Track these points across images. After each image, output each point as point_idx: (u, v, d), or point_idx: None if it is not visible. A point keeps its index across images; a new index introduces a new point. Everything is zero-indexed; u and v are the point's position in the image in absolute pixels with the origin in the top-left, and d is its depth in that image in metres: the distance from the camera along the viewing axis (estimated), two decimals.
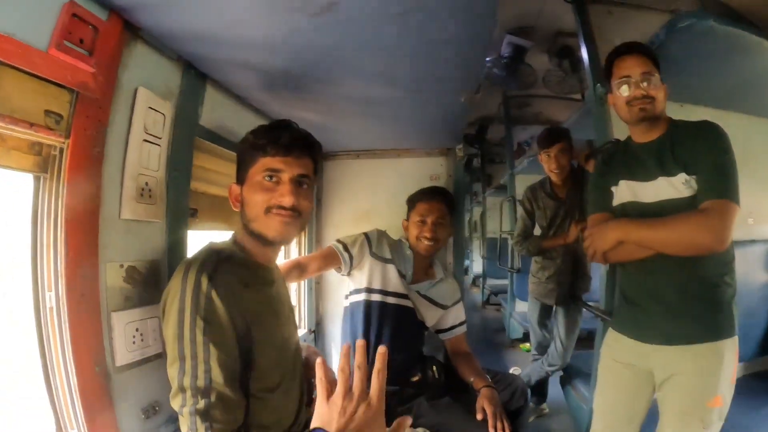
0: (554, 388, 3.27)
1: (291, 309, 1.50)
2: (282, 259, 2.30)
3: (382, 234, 2.27)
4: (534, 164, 4.47)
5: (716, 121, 1.55)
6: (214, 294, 1.10)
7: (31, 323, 1.12)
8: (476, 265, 11.10)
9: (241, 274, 1.22)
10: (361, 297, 2.16)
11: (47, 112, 1.08)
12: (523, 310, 4.90)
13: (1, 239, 1.30)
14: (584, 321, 3.18)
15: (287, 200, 1.25)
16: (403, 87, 1.75)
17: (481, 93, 1.84)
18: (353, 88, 1.77)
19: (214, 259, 1.17)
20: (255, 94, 1.87)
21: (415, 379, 2.05)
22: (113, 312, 1.23)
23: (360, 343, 0.88)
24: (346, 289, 2.27)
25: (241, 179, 1.32)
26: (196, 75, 1.57)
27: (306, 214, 1.33)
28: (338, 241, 2.19)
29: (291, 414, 1.36)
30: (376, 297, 2.14)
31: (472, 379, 2.03)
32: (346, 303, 2.25)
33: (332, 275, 2.48)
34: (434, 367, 2.07)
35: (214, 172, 1.83)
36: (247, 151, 1.30)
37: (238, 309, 1.15)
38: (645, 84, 1.53)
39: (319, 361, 0.87)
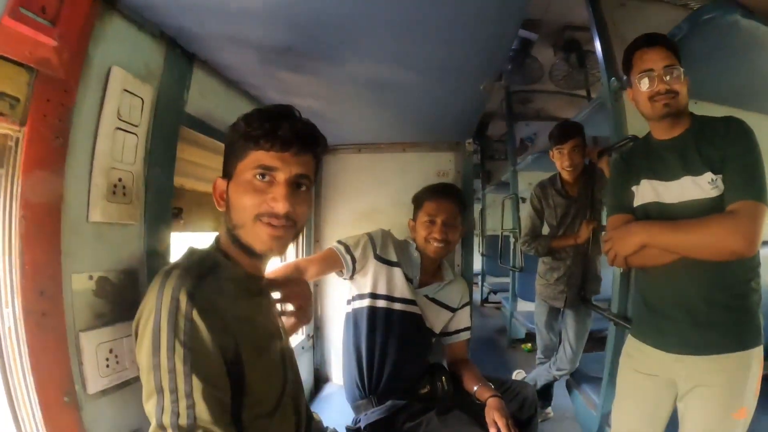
0: (559, 391, 3.27)
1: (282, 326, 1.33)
2: (279, 261, 2.13)
3: (386, 234, 2.12)
4: (537, 161, 4.47)
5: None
6: (195, 314, 0.93)
7: None
8: (475, 262, 11.13)
9: (226, 287, 1.05)
10: (365, 303, 2.04)
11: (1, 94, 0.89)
12: (524, 310, 4.88)
13: None
14: (592, 323, 3.11)
15: (281, 206, 1.06)
16: (419, 70, 1.59)
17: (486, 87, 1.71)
18: (361, 70, 1.60)
19: (195, 271, 1.00)
20: (249, 78, 1.69)
21: (424, 391, 1.96)
22: (82, 332, 1.05)
23: None
24: (348, 294, 2.14)
25: (227, 173, 1.14)
26: (181, 54, 1.39)
27: (302, 222, 1.14)
28: (339, 242, 2.05)
29: None
30: (381, 303, 2.03)
31: (475, 389, 1.97)
32: (348, 309, 2.12)
33: (332, 277, 2.32)
34: (443, 378, 1.99)
35: (201, 166, 1.66)
36: (237, 141, 1.10)
37: (225, 328, 0.98)
38: (668, 78, 1.48)
39: None
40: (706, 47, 1.76)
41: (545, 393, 3.38)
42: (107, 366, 1.10)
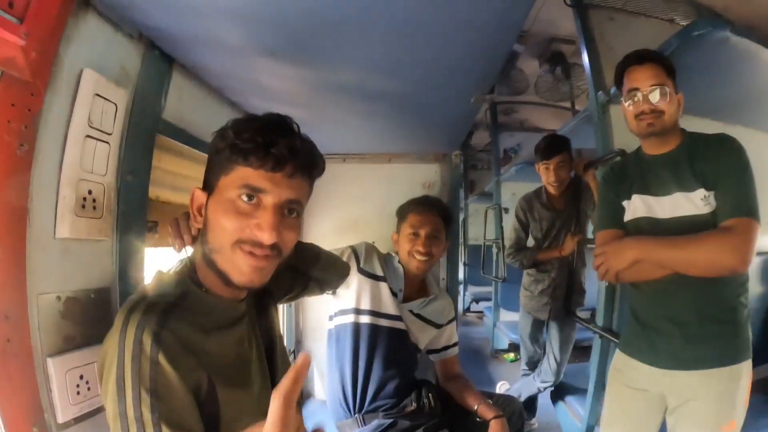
0: (544, 402, 3.27)
1: (275, 353, 1.20)
2: None
3: (370, 248, 2.08)
4: (521, 172, 4.53)
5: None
6: (161, 357, 0.82)
7: None
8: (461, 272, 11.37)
9: (197, 320, 0.93)
10: (349, 319, 1.98)
11: None
12: (507, 320, 4.90)
13: None
14: (583, 332, 3.12)
15: (266, 236, 0.92)
16: (409, 80, 1.55)
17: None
18: (348, 78, 1.55)
19: (161, 306, 0.89)
20: (231, 83, 1.63)
21: (411, 409, 1.91)
22: (50, 357, 0.96)
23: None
24: (330, 309, 2.08)
25: (208, 186, 0.99)
26: (160, 57, 1.31)
27: (288, 250, 1.00)
28: None
29: None
30: (365, 319, 1.97)
31: (476, 407, 1.92)
32: (331, 326, 2.06)
33: None
34: (430, 395, 1.94)
35: (179, 176, 1.58)
36: (222, 151, 0.95)
37: (197, 366, 0.88)
38: (654, 96, 1.48)
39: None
40: (696, 62, 1.77)
41: (530, 404, 3.37)
42: (78, 393, 1.01)
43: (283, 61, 1.42)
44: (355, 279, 1.98)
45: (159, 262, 1.39)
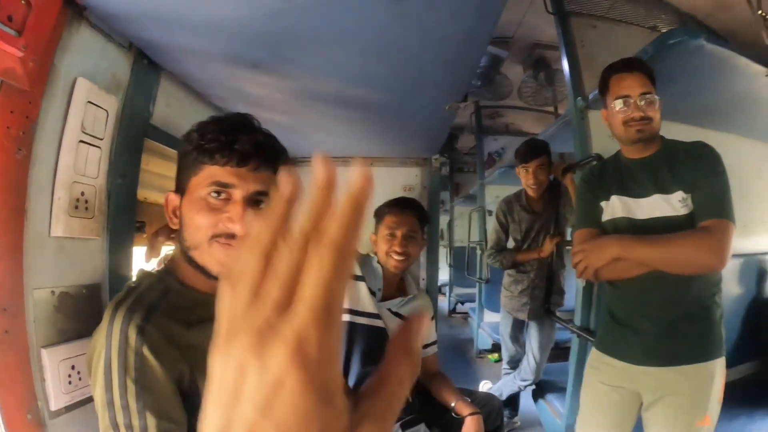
0: (527, 401, 3.28)
1: None
2: None
3: None
4: (504, 175, 4.55)
5: (695, 139, 1.58)
6: (145, 349, 0.88)
7: None
8: (443, 273, 11.30)
9: (179, 315, 0.98)
10: None
11: None
12: (491, 321, 4.92)
13: None
14: (557, 333, 3.16)
15: (238, 227, 0.97)
16: (385, 89, 1.60)
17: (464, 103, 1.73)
18: (328, 87, 1.60)
19: (146, 301, 0.95)
20: (215, 90, 1.68)
21: None
22: (44, 348, 1.02)
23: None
24: None
25: (180, 188, 1.05)
26: (148, 66, 1.37)
27: None
28: None
29: None
30: (344, 317, 2.00)
31: (453, 404, 1.95)
32: None
33: None
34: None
35: (167, 178, 1.63)
36: (190, 153, 1.01)
37: (179, 358, 0.93)
38: (644, 104, 1.51)
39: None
40: (672, 69, 1.80)
41: (512, 403, 3.41)
42: (70, 382, 1.07)
43: (264, 72, 1.48)
44: None
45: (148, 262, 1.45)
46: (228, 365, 0.28)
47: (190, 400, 0.95)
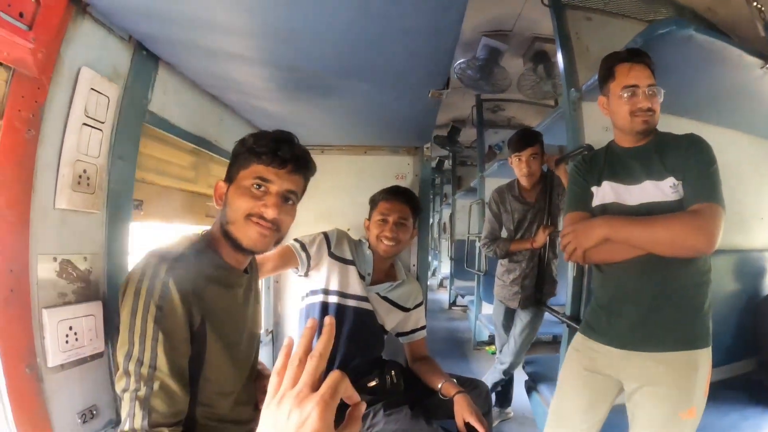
0: (520, 393, 3.28)
1: (255, 322, 1.48)
2: None
3: (342, 234, 2.21)
4: (504, 168, 4.51)
5: (688, 131, 1.57)
6: (171, 282, 1.10)
7: None
8: (445, 266, 11.31)
9: (204, 271, 1.22)
10: (318, 299, 2.11)
11: None
12: (489, 313, 4.94)
13: None
14: (551, 325, 3.17)
15: (270, 212, 1.25)
16: (366, 79, 1.68)
17: (453, 94, 1.78)
18: (314, 78, 1.69)
19: (180, 250, 1.19)
20: (210, 80, 1.78)
21: (372, 384, 1.94)
22: (45, 309, 1.13)
23: (311, 323, 0.76)
24: (302, 290, 2.21)
25: (229, 178, 1.33)
26: (147, 56, 1.48)
27: (285, 229, 1.33)
28: (296, 240, 2.12)
29: (235, 420, 1.31)
30: (333, 299, 2.09)
31: (440, 386, 2.01)
32: (302, 305, 2.19)
33: (291, 275, 2.40)
34: (393, 372, 1.98)
35: (164, 161, 1.73)
36: (242, 153, 1.30)
37: (196, 303, 1.15)
38: (651, 96, 1.53)
39: (286, 342, 0.74)
40: (663, 61, 1.75)
41: (505, 394, 3.48)
42: (66, 342, 1.18)
43: (253, 64, 1.58)
44: (325, 262, 2.10)
45: (143, 235, 1.58)
46: (279, 414, 0.63)
47: (196, 348, 1.17)
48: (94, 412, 1.26)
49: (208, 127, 1.90)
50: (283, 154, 1.27)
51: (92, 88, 1.25)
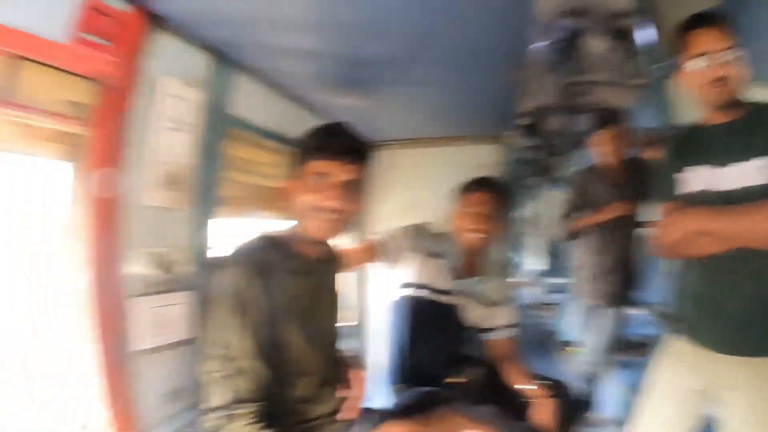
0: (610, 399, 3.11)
1: (332, 307, 1.56)
2: None
3: (428, 226, 2.18)
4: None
5: None
6: (250, 274, 1.20)
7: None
8: (532, 262, 10.92)
9: (280, 262, 1.30)
10: (406, 292, 2.07)
11: (71, 103, 1.12)
12: (577, 311, 4.74)
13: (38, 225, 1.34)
14: (641, 325, 2.99)
15: (332, 204, 1.29)
16: (440, 63, 1.70)
17: (535, 79, 1.73)
18: (387, 68, 1.73)
19: (261, 245, 1.29)
20: (288, 80, 1.86)
21: (457, 381, 1.92)
22: (135, 297, 1.25)
23: None
24: (391, 284, 2.19)
25: (294, 176, 1.38)
26: (225, 62, 1.58)
27: (350, 215, 1.37)
28: (384, 233, 2.13)
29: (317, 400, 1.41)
30: (420, 293, 2.05)
31: (524, 388, 1.94)
32: (393, 298, 2.17)
33: (379, 268, 2.44)
34: (477, 370, 1.94)
35: (246, 160, 1.83)
36: (302, 150, 1.35)
37: (272, 291, 1.23)
38: (724, 61, 1.35)
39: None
40: (755, 24, 1.59)
41: (591, 398, 3.15)
42: (155, 328, 1.30)
43: (336, 60, 1.64)
44: (412, 256, 2.07)
45: (227, 231, 1.69)
46: None
47: (274, 326, 1.26)
48: (177, 395, 1.37)
49: (288, 125, 1.96)
50: (335, 146, 1.32)
51: (174, 95, 1.36)
